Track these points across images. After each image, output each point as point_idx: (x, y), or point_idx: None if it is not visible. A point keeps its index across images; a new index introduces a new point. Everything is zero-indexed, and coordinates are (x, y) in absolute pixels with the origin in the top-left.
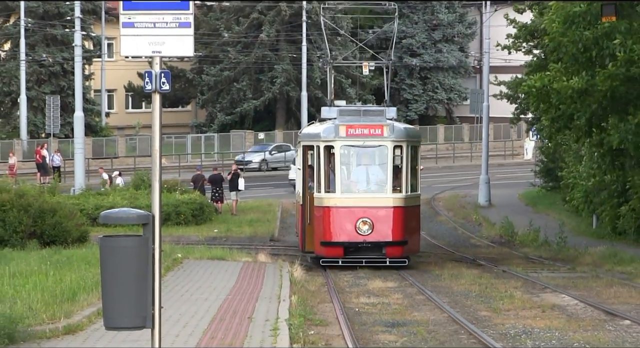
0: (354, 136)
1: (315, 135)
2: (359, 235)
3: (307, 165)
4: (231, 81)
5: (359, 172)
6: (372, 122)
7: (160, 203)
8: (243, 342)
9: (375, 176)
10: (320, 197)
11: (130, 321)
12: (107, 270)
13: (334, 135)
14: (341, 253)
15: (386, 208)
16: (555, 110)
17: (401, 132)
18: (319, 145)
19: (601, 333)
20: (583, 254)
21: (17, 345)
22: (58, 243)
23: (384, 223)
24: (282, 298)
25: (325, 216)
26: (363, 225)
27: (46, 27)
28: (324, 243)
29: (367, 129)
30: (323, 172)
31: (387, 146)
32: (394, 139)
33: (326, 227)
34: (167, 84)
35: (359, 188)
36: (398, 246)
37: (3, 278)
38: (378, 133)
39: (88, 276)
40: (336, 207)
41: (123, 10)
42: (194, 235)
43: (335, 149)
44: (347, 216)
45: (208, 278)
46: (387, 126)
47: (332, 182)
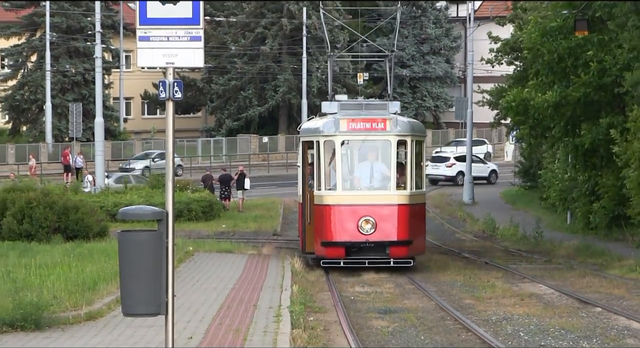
0: (356, 130)
1: (315, 130)
2: (361, 234)
3: (306, 161)
4: (238, 90)
5: (361, 168)
6: (375, 115)
7: (173, 201)
8: (249, 327)
9: (378, 172)
10: (321, 195)
11: (146, 308)
12: (125, 262)
13: (335, 130)
14: (343, 254)
15: (390, 206)
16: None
17: (405, 126)
18: (318, 141)
19: (575, 320)
20: (558, 247)
21: (43, 330)
22: (80, 237)
23: (387, 222)
24: (284, 288)
25: (325, 215)
26: (365, 224)
27: (69, 41)
28: (324, 244)
29: (370, 122)
30: (323, 169)
31: (391, 141)
32: (397, 133)
33: (327, 227)
34: (179, 92)
35: (361, 185)
36: (403, 246)
37: (30, 269)
38: (381, 127)
39: (107, 267)
40: (337, 205)
41: (139, 26)
42: (204, 230)
43: (336, 144)
44: (348, 215)
45: (217, 270)
46: (390, 120)
47: (332, 179)
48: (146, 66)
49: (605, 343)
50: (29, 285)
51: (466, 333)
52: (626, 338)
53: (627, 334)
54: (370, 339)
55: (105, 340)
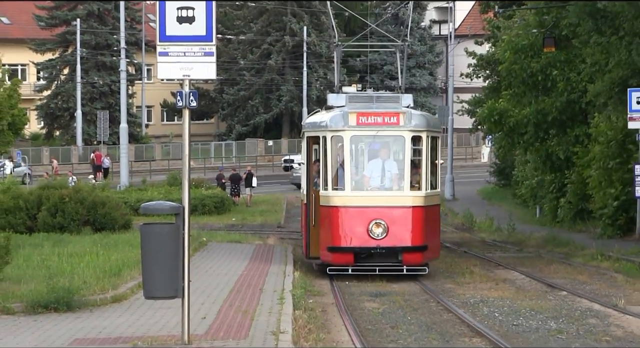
0: (366, 125)
1: (321, 124)
2: (371, 239)
3: (311, 158)
4: (246, 99)
5: (371, 166)
6: (387, 109)
7: (189, 197)
8: (256, 309)
9: (390, 171)
10: (327, 196)
11: (165, 292)
12: (146, 251)
13: (343, 124)
14: (351, 260)
15: (403, 208)
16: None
17: (420, 121)
18: (325, 136)
19: (543, 302)
20: (529, 238)
21: (74, 311)
22: (107, 229)
23: (400, 226)
24: (287, 274)
25: (332, 217)
26: (376, 228)
27: (97, 56)
28: (331, 249)
29: (381, 116)
30: (330, 167)
31: (404, 136)
32: (412, 128)
33: (334, 230)
34: (194, 101)
35: (371, 185)
36: (417, 252)
37: (62, 257)
38: (394, 121)
39: (131, 256)
40: (345, 207)
41: (159, 42)
42: (216, 223)
43: (344, 140)
44: (358, 217)
45: (227, 258)
46: (403, 114)
47: (340, 178)
48: (165, 78)
49: (570, 322)
50: (62, 271)
51: (447, 313)
52: (589, 318)
53: (589, 315)
54: (362, 319)
55: (129, 320)
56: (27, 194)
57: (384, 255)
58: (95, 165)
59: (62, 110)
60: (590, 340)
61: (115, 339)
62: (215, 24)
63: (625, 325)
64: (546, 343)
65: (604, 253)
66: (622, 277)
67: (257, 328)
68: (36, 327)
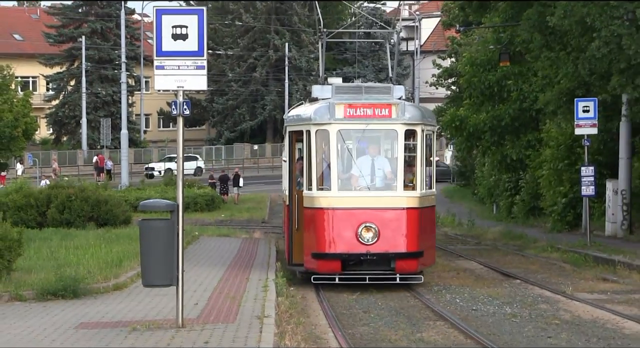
0: (355, 118)
1: (305, 117)
2: (361, 244)
3: (294, 156)
4: (234, 108)
5: (361, 164)
6: (378, 100)
7: (183, 196)
8: (242, 295)
9: (381, 169)
10: (312, 196)
11: (161, 280)
12: (145, 244)
13: (329, 117)
14: (338, 268)
15: (396, 210)
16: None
17: (414, 113)
18: (309, 130)
19: (499, 289)
20: (486, 232)
21: (79, 298)
22: (109, 224)
23: (393, 230)
24: (271, 265)
25: (317, 220)
26: (366, 232)
27: (100, 69)
28: (316, 256)
29: (372, 108)
30: (315, 165)
31: (397, 130)
32: (405, 121)
33: (319, 235)
34: (187, 109)
35: (360, 184)
36: (412, 259)
37: (69, 249)
38: (385, 114)
39: (130, 248)
40: (332, 209)
41: (156, 57)
42: (207, 219)
43: (331, 135)
44: (346, 220)
45: (217, 250)
46: (396, 105)
47: (326, 177)
48: (161, 89)
49: (524, 307)
50: (69, 262)
51: (414, 300)
52: (540, 303)
53: (540, 300)
54: (338, 305)
55: (129, 306)
56: (37, 193)
57: (374, 262)
58: (98, 167)
59: (69, 118)
60: (541, 323)
61: (117, 323)
62: (206, 41)
63: (572, 310)
64: (501, 326)
65: (553, 246)
66: (570, 266)
67: (244, 313)
68: (45, 312)
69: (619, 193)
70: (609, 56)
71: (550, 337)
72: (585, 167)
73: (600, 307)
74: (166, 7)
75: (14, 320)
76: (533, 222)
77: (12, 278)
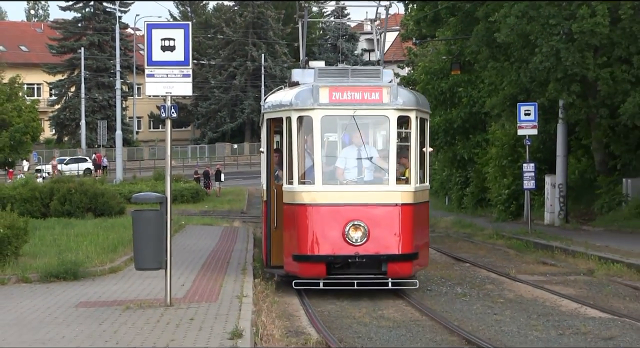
0: (341, 102)
1: (285, 103)
2: (348, 245)
3: (273, 146)
4: (216, 111)
5: (348, 154)
6: (367, 83)
7: (171, 189)
8: (224, 278)
9: (371, 160)
10: (293, 191)
11: (152, 264)
12: (137, 231)
13: (312, 102)
14: (323, 272)
15: (388, 206)
16: None
17: (408, 98)
18: (289, 117)
19: (451, 271)
20: (440, 222)
21: (79, 280)
22: (105, 215)
23: (385, 229)
24: (249, 250)
25: (299, 218)
26: (355, 232)
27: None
28: (298, 258)
29: (360, 92)
30: (296, 156)
31: (389, 117)
32: (398, 106)
33: (301, 234)
34: (175, 113)
35: (348, 177)
36: (405, 261)
37: (69, 237)
38: (375, 98)
39: (124, 236)
40: (315, 205)
41: (147, 66)
42: (192, 210)
43: (314, 122)
44: (331, 218)
45: (201, 237)
46: (388, 89)
47: (309, 170)
48: (152, 94)
49: (472, 287)
50: (69, 248)
51: None
52: (487, 284)
53: (487, 281)
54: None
55: (123, 287)
56: (41, 187)
57: (363, 265)
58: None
59: (70, 120)
60: (488, 302)
61: (112, 302)
62: (191, 52)
63: (515, 290)
64: (453, 304)
65: (499, 233)
66: (513, 252)
67: (225, 293)
68: (49, 293)
69: (556, 186)
70: (548, 67)
71: (496, 314)
72: (527, 164)
73: (539, 287)
74: (156, 22)
75: (20, 300)
76: (481, 212)
77: (19, 263)
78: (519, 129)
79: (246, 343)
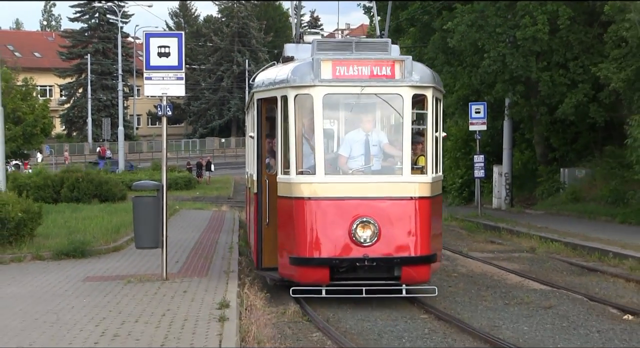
0: (347, 78)
1: (281, 79)
2: (356, 245)
3: (264, 130)
4: (206, 110)
5: (355, 139)
6: (376, 56)
7: (166, 178)
8: (213, 255)
9: (383, 147)
10: (289, 183)
11: (150, 243)
12: (137, 215)
13: (313, 77)
14: (326, 278)
15: (403, 200)
16: None
17: (425, 73)
18: (285, 96)
19: None
20: None
21: (86, 258)
22: (109, 200)
23: (399, 227)
24: (234, 231)
25: (297, 214)
26: (363, 230)
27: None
28: (296, 261)
29: (368, 66)
30: (293, 141)
31: (403, 95)
32: (414, 83)
33: (299, 233)
34: (170, 111)
35: (355, 166)
36: (422, 265)
37: (78, 220)
38: (387, 74)
39: (126, 219)
40: (317, 199)
41: (145, 70)
42: (185, 196)
43: (315, 101)
44: (336, 214)
45: (193, 220)
46: (400, 62)
47: (308, 157)
48: (150, 95)
49: None
50: (78, 229)
51: None
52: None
53: (443, 258)
54: None
55: (124, 264)
56: (53, 176)
57: (373, 268)
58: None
59: (78, 118)
60: (444, 276)
61: (115, 277)
62: (184, 58)
63: (467, 265)
64: None
65: (453, 216)
66: (466, 232)
67: (214, 269)
68: (60, 269)
69: (503, 175)
70: (495, 70)
71: (451, 287)
72: (477, 156)
73: (488, 263)
74: (153, 32)
75: (35, 275)
76: None
77: (34, 243)
78: (470, 125)
79: (232, 312)
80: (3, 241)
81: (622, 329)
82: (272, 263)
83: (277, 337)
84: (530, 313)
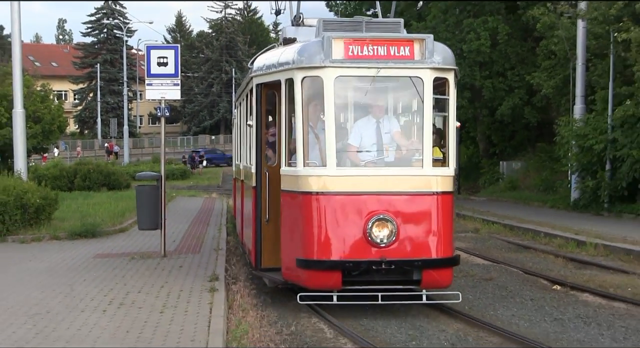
0: (361, 59)
1: (285, 60)
2: (372, 246)
3: (264, 118)
4: (198, 111)
5: (369, 127)
6: (392, 35)
7: (165, 169)
8: (204, 235)
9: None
10: (295, 175)
11: (150, 225)
12: (139, 201)
13: (323, 58)
14: (338, 283)
15: (424, 195)
16: None
17: (447, 55)
18: (291, 78)
19: None
20: None
21: (96, 238)
22: (116, 189)
23: (419, 225)
24: (223, 214)
25: (305, 211)
26: (380, 229)
27: (110, 86)
28: (304, 263)
29: (385, 46)
30: (300, 129)
31: (423, 79)
32: (435, 65)
33: (307, 233)
34: (167, 112)
35: (369, 158)
36: (445, 267)
37: (89, 205)
38: (405, 54)
39: (130, 204)
40: (327, 194)
41: (147, 77)
42: (181, 185)
43: (326, 84)
44: (349, 211)
45: (188, 205)
46: (420, 42)
47: (312, 148)
48: (151, 98)
49: None
50: (89, 213)
51: None
52: None
53: None
54: None
55: (129, 243)
56: (67, 168)
57: (390, 272)
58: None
59: (89, 118)
60: None
61: (121, 254)
62: (179, 66)
63: None
64: None
65: None
66: None
67: (205, 247)
68: (73, 247)
69: None
70: None
71: None
72: None
73: None
74: (153, 45)
75: (52, 253)
76: None
77: (51, 225)
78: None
79: (221, 284)
80: (24, 223)
81: (551, 297)
82: (272, 264)
83: (259, 305)
84: (474, 284)
